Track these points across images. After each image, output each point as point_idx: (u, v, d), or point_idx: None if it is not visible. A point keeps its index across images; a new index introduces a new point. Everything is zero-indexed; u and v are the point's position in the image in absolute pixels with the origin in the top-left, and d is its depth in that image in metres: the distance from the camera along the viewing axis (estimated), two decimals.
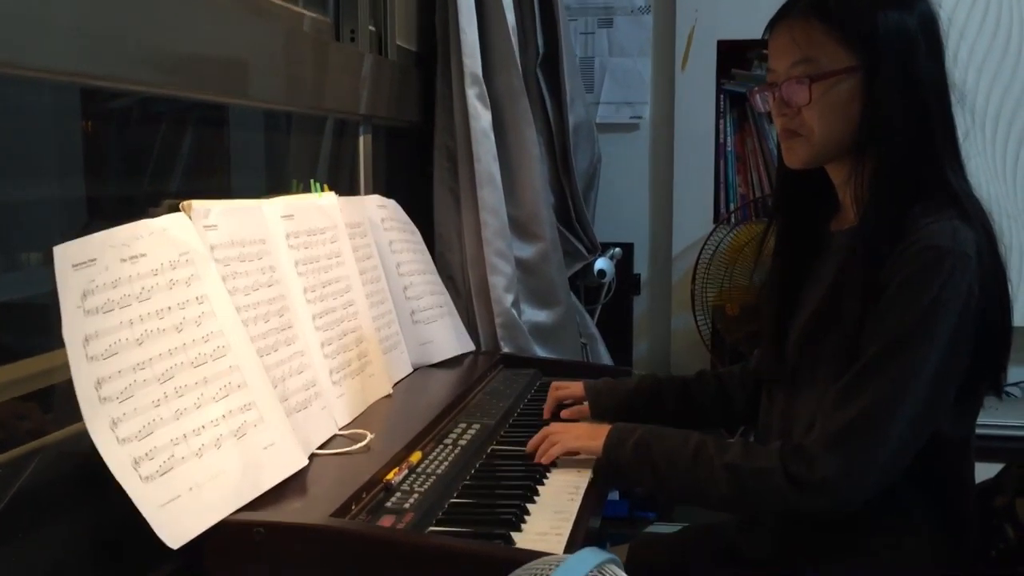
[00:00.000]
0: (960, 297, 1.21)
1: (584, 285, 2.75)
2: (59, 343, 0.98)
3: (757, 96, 1.42)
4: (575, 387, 1.70)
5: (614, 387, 1.68)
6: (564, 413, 1.66)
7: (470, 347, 2.07)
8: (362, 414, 1.53)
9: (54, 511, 1.07)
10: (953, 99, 1.33)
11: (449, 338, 2.00)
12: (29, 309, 1.35)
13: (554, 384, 1.75)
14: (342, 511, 1.12)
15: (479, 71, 2.17)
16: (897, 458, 1.23)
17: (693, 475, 1.30)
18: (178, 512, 1.01)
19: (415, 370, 1.84)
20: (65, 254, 1.00)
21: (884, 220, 1.27)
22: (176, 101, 1.62)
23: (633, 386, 1.66)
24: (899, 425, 1.21)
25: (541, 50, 2.46)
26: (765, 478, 1.25)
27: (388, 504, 1.19)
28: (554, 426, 1.48)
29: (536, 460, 1.42)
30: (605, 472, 1.39)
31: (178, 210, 1.21)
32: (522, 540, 1.15)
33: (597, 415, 1.65)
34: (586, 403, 1.67)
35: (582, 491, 1.33)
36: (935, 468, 1.29)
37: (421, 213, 2.14)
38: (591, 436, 1.41)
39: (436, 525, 1.18)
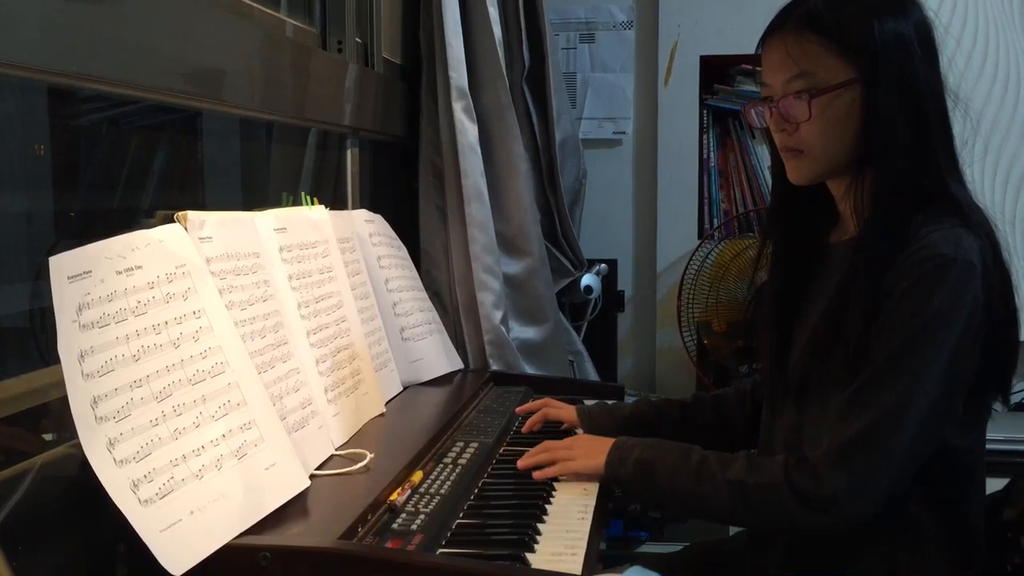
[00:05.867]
0: (965, 306, 1.19)
1: (570, 302, 2.72)
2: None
3: (752, 112, 1.40)
4: (567, 411, 1.66)
5: (609, 412, 1.64)
6: None
7: (459, 365, 2.03)
8: (357, 433, 1.48)
9: (45, 536, 1.02)
10: (950, 105, 1.32)
11: (439, 356, 1.96)
12: None
13: (546, 400, 1.70)
14: (349, 534, 1.07)
15: (465, 85, 2.14)
16: (903, 470, 1.21)
17: (696, 491, 1.29)
18: (180, 537, 0.96)
19: (405, 388, 1.80)
20: (60, 265, 0.95)
21: (886, 230, 1.25)
22: (149, 110, 1.56)
23: (629, 411, 1.63)
24: (905, 438, 1.19)
25: (527, 64, 2.44)
26: (770, 494, 1.24)
27: (394, 526, 1.14)
28: (553, 443, 1.45)
29: (536, 477, 1.38)
30: (607, 486, 1.38)
31: (172, 221, 1.16)
32: (536, 561, 1.11)
33: None
34: (579, 430, 1.62)
35: (591, 510, 1.29)
36: (945, 480, 1.27)
37: (406, 229, 2.10)
38: (592, 454, 1.39)
39: (445, 546, 1.13)
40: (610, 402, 1.76)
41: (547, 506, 1.30)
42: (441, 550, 1.12)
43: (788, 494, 1.22)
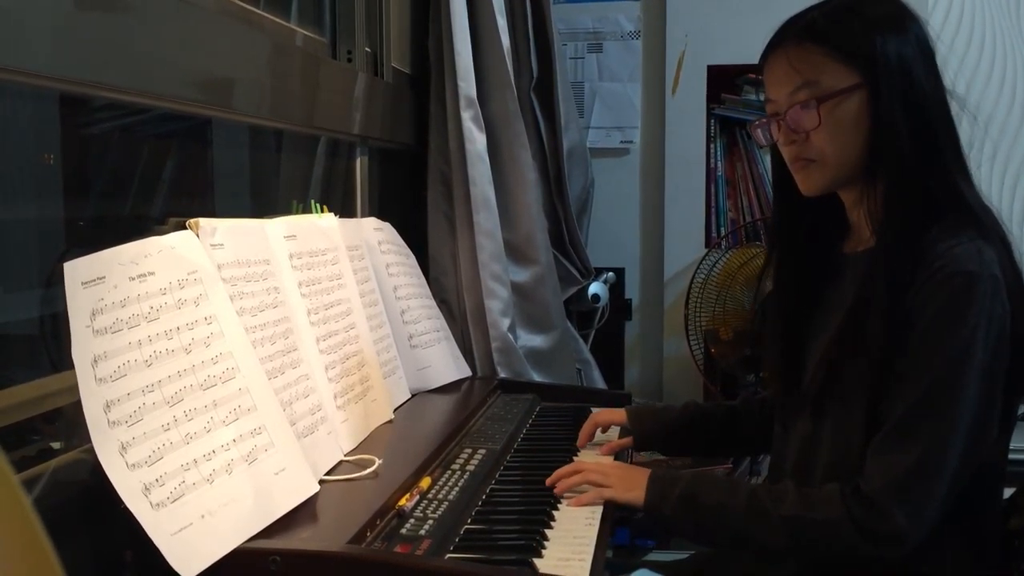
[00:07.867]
0: (996, 320, 1.19)
1: (577, 310, 2.73)
2: None
3: (759, 130, 1.39)
4: (618, 413, 1.66)
5: (658, 413, 1.65)
6: (602, 450, 1.59)
7: (467, 372, 2.04)
8: (365, 440, 1.49)
9: (55, 540, 1.02)
10: (954, 110, 1.32)
11: (447, 363, 1.97)
12: None
13: (594, 412, 1.69)
14: (358, 538, 1.08)
15: (474, 94, 2.15)
16: (952, 489, 1.21)
17: (747, 529, 1.27)
18: (191, 540, 0.97)
19: (413, 395, 1.81)
20: (74, 271, 0.96)
21: (902, 240, 1.25)
22: (159, 118, 1.57)
23: (678, 413, 1.63)
24: (954, 457, 1.19)
25: (535, 74, 2.45)
26: (831, 530, 1.22)
27: (403, 531, 1.15)
28: (587, 463, 1.44)
29: (575, 503, 1.34)
30: (646, 520, 1.37)
31: (185, 227, 1.17)
32: (544, 566, 1.11)
33: (641, 442, 1.61)
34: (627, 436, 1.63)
35: (599, 516, 1.29)
36: (967, 491, 1.26)
37: (414, 237, 2.12)
38: (628, 486, 1.34)
39: (454, 552, 1.14)
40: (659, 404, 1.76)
41: (554, 512, 1.30)
42: (449, 555, 1.13)
43: (850, 529, 1.21)
